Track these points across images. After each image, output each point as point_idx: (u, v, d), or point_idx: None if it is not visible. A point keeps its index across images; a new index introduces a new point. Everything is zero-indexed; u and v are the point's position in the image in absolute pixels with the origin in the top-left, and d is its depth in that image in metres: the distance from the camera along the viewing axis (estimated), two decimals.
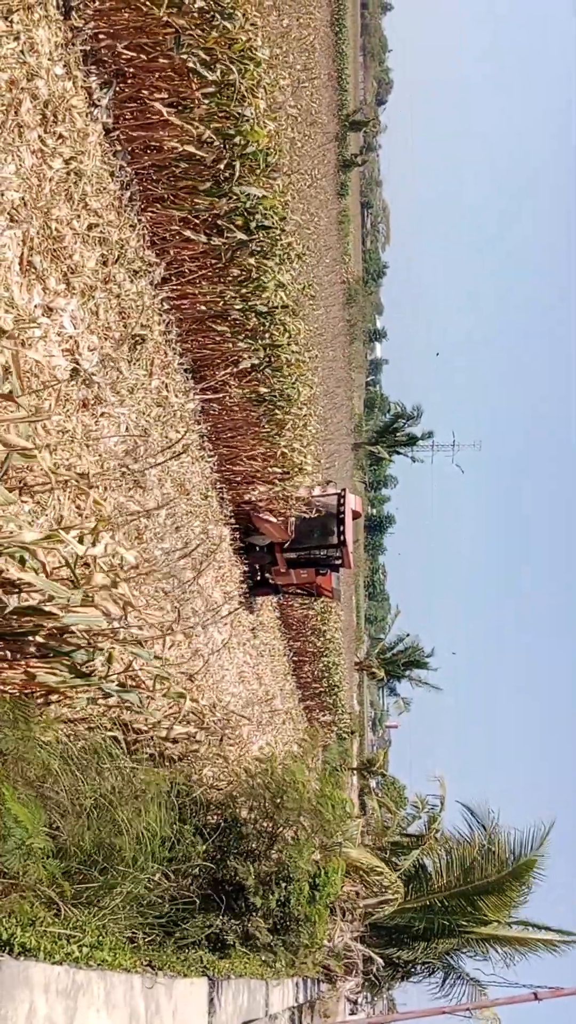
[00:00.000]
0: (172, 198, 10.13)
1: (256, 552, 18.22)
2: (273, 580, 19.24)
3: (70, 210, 7.83)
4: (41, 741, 5.38)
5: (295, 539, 18.29)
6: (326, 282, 43.32)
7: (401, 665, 58.75)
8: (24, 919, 4.72)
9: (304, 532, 18.53)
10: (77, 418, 7.84)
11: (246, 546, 17.60)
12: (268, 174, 10.84)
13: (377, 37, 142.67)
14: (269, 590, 19.71)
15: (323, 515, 18.79)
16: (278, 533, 17.67)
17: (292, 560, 18.88)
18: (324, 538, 18.92)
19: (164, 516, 10.90)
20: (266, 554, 18.44)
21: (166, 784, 7.11)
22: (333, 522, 18.84)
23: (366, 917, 17.97)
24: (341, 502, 18.94)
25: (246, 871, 8.17)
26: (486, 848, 17.96)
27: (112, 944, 5.50)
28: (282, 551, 18.40)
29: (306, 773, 9.35)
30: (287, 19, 25.19)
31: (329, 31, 52.78)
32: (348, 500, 19.12)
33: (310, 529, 18.64)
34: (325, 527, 18.86)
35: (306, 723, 29.47)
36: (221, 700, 13.24)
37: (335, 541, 18.86)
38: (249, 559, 17.98)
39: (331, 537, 18.87)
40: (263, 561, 18.65)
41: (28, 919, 4.76)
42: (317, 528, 18.78)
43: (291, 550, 18.57)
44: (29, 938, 4.57)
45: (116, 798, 5.56)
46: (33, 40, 7.09)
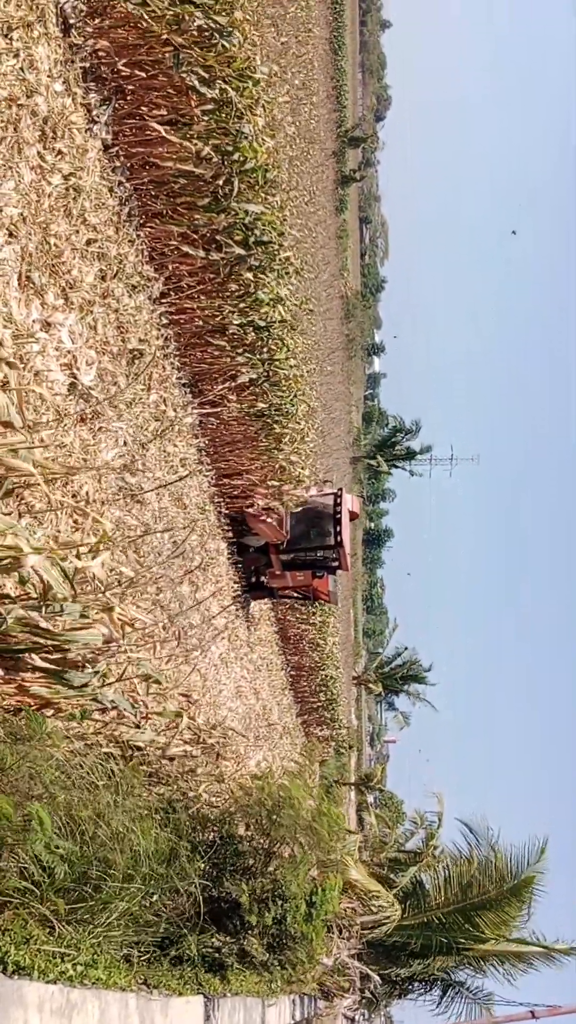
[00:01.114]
0: (171, 213, 10.17)
1: (250, 553, 17.66)
2: (268, 583, 18.68)
3: (69, 225, 7.86)
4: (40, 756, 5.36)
5: (290, 540, 17.77)
6: (324, 297, 43.49)
7: (399, 679, 58.58)
8: (18, 937, 4.68)
9: (300, 533, 18.01)
10: (75, 432, 7.85)
11: (239, 547, 17.06)
12: (267, 190, 10.88)
13: (376, 54, 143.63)
14: (264, 593, 19.16)
15: (319, 515, 18.27)
16: (273, 534, 17.13)
17: (287, 562, 18.29)
18: (320, 539, 18.32)
19: (161, 529, 10.89)
20: (261, 555, 17.88)
21: (162, 801, 7.08)
22: (329, 523, 18.26)
23: (363, 934, 17.85)
24: (338, 502, 18.35)
25: (241, 889, 8.13)
26: (484, 865, 17.86)
27: (107, 962, 5.46)
28: (277, 552, 17.85)
29: (302, 790, 9.31)
30: (286, 37, 25.36)
31: (328, 48, 53.16)
32: (345, 500, 18.50)
33: (306, 530, 18.13)
34: (321, 528, 18.31)
35: (303, 738, 29.39)
36: (218, 715, 13.21)
37: (331, 542, 18.26)
38: (243, 561, 17.45)
39: (327, 538, 18.27)
40: (258, 563, 18.09)
41: (22, 937, 4.72)
42: (313, 529, 18.25)
43: (286, 551, 18.00)
44: (23, 956, 4.53)
45: (112, 815, 5.53)
46: (33, 57, 7.13)
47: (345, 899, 16.33)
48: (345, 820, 13.18)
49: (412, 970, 18.45)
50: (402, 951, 18.49)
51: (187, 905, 7.16)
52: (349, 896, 16.93)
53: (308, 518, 17.93)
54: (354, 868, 16.38)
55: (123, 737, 6.57)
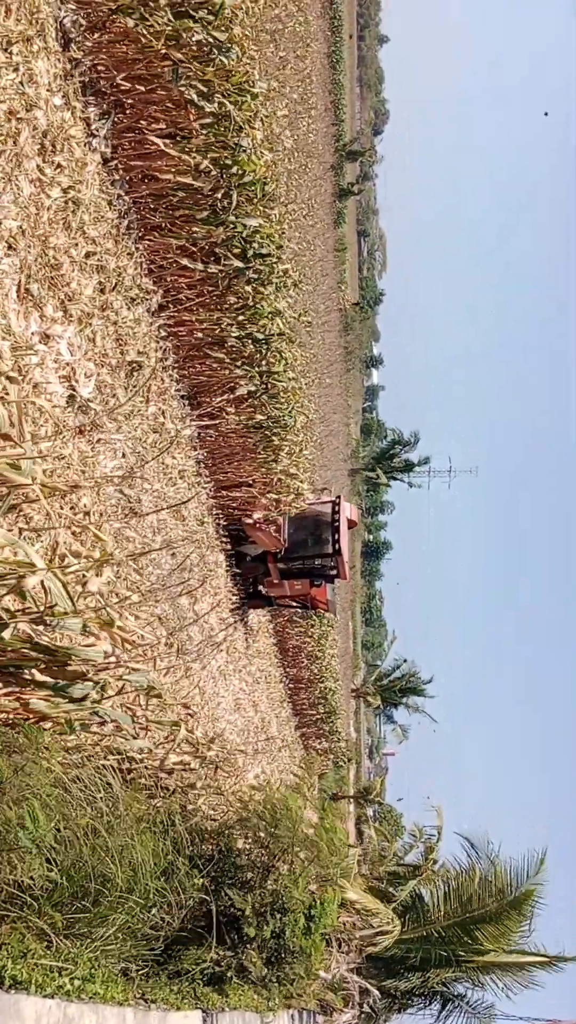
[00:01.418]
0: (170, 226, 10.21)
1: (248, 562, 17.47)
2: (266, 591, 18.46)
3: (68, 238, 7.89)
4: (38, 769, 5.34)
5: (288, 549, 17.53)
6: (323, 309, 43.61)
7: (398, 692, 58.40)
8: (15, 951, 4.66)
9: (298, 541, 17.78)
10: (73, 445, 7.85)
11: (237, 555, 16.91)
12: (265, 203, 10.93)
13: (373, 69, 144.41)
14: (262, 602, 18.95)
15: (317, 523, 18.06)
16: (270, 542, 16.93)
17: (285, 571, 18.03)
18: (318, 547, 18.12)
19: (160, 542, 10.89)
20: (258, 564, 17.67)
21: (161, 814, 7.06)
22: (327, 531, 18.04)
23: (363, 948, 17.76)
24: (336, 510, 18.16)
25: (241, 901, 8.09)
26: (484, 878, 17.77)
27: (104, 976, 5.43)
28: (275, 561, 17.63)
29: (301, 803, 9.28)
30: (284, 52, 25.51)
31: (326, 63, 53.48)
32: (343, 508, 18.32)
33: (304, 538, 17.91)
34: (319, 536, 18.11)
35: (302, 750, 29.31)
36: (217, 728, 13.18)
37: (329, 550, 18.04)
38: (241, 569, 17.26)
39: (325, 546, 18.06)
40: (255, 572, 17.87)
41: (19, 951, 4.70)
42: (311, 537, 18.05)
43: (284, 560, 17.76)
44: (20, 970, 4.51)
45: (110, 828, 5.51)
46: (32, 71, 7.17)
47: (344, 913, 16.25)
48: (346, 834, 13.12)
49: (411, 983, 18.34)
50: (401, 964, 18.38)
51: (185, 919, 7.13)
52: (348, 910, 16.85)
53: (306, 526, 17.76)
54: (351, 889, 16.26)
55: (121, 749, 6.55)
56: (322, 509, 18.27)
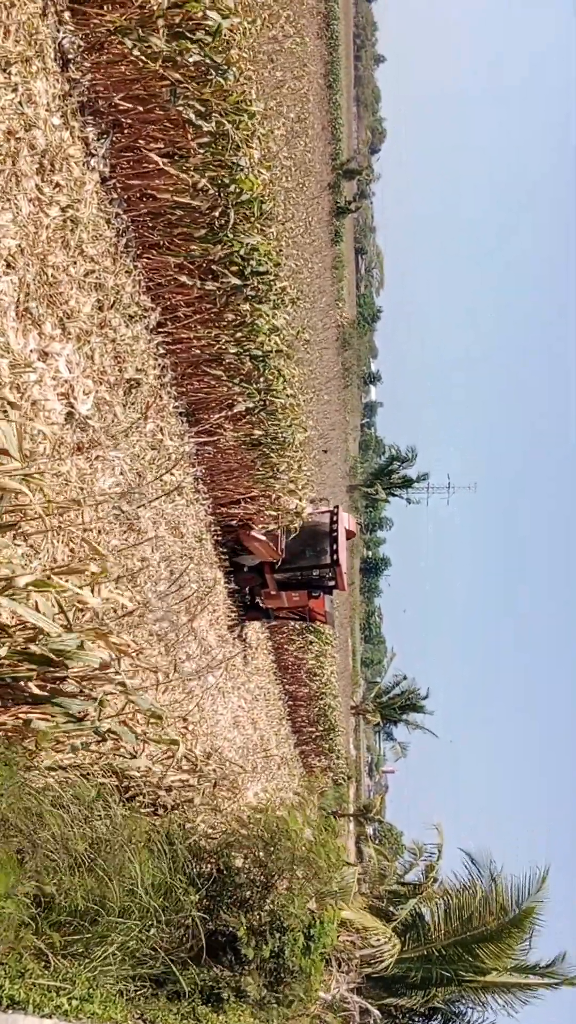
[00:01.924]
0: (168, 244, 10.26)
1: (245, 573, 17.25)
2: (263, 603, 18.21)
3: (66, 256, 7.92)
4: (33, 788, 5.32)
5: (285, 559, 17.26)
6: (321, 326, 43.73)
7: (397, 709, 58.18)
8: (13, 971, 4.63)
9: (295, 552, 17.48)
10: (72, 462, 7.86)
11: (234, 566, 16.68)
12: (262, 221, 10.98)
13: (370, 88, 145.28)
14: (259, 614, 18.65)
15: (315, 533, 17.74)
16: (267, 552, 16.70)
17: (283, 582, 17.77)
18: (316, 558, 17.81)
19: (158, 559, 10.88)
20: (255, 575, 17.40)
21: (159, 833, 7.02)
22: (325, 541, 17.75)
23: (362, 967, 17.61)
24: (334, 520, 17.91)
25: (238, 922, 8.03)
26: (485, 896, 17.63)
27: (103, 996, 5.39)
28: (272, 572, 17.38)
29: (300, 821, 9.23)
30: (281, 72, 25.70)
31: (323, 83, 53.81)
32: (341, 518, 18.06)
33: (301, 548, 17.59)
34: (317, 546, 17.81)
35: (302, 768, 29.18)
36: (215, 746, 13.12)
37: (327, 561, 17.78)
38: (237, 580, 16.98)
39: (323, 557, 17.78)
40: (253, 583, 17.59)
41: (17, 971, 4.66)
42: (308, 548, 17.73)
43: (281, 571, 17.51)
44: (18, 990, 4.48)
45: (108, 847, 5.49)
46: (31, 91, 7.22)
47: (344, 932, 16.13)
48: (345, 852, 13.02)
49: (412, 1002, 18.17)
50: (402, 983, 18.21)
51: (184, 938, 7.08)
52: (348, 929, 16.72)
53: (303, 537, 17.40)
54: (349, 908, 16.14)
55: (120, 767, 6.52)
56: (320, 519, 18.01)
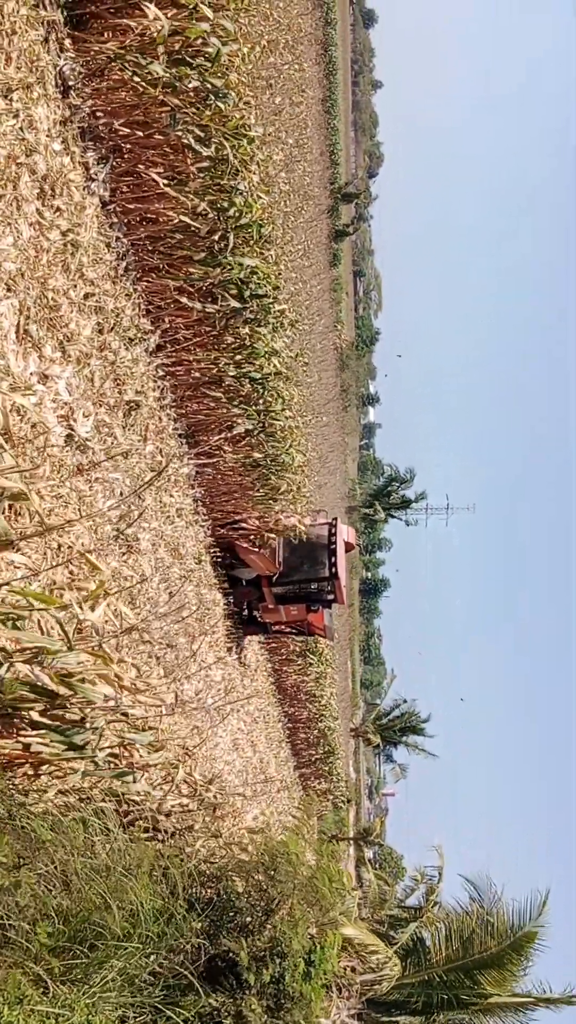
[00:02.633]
0: (167, 268, 10.31)
1: (242, 587, 16.90)
2: (261, 617, 17.81)
3: (66, 280, 7.96)
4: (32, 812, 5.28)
5: (283, 572, 16.94)
6: (319, 348, 43.91)
7: (397, 731, 57.90)
8: (11, 996, 4.58)
9: (293, 564, 17.16)
10: (71, 483, 7.87)
11: (230, 580, 16.36)
12: (261, 245, 11.05)
13: (368, 113, 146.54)
14: (257, 629, 18.30)
15: (313, 546, 17.37)
16: (265, 565, 16.38)
17: (281, 595, 17.42)
18: (314, 571, 17.39)
19: (157, 581, 10.87)
20: (253, 589, 17.04)
21: (159, 857, 6.96)
22: (324, 554, 17.37)
23: (363, 993, 17.43)
24: (332, 532, 17.57)
25: (239, 946, 7.95)
26: (486, 920, 17.49)
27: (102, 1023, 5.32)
28: (270, 585, 17.01)
29: (300, 845, 9.16)
30: (280, 97, 25.94)
31: (321, 108, 54.28)
32: (340, 530, 17.77)
33: (299, 561, 17.27)
34: (315, 559, 17.41)
35: (301, 791, 29.01)
36: (215, 769, 13.05)
37: (326, 574, 17.35)
38: (234, 594, 16.64)
39: (322, 570, 17.36)
40: (250, 597, 17.22)
41: (16, 997, 4.61)
42: (307, 561, 17.37)
43: (279, 584, 17.14)
44: (16, 1016, 4.43)
45: (107, 872, 5.44)
46: (32, 117, 7.29)
47: (344, 957, 15.98)
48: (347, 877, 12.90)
49: None
50: (403, 1009, 18.02)
51: (184, 964, 7.01)
52: (348, 954, 16.57)
53: (302, 549, 17.19)
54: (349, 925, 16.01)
55: (120, 792, 6.49)
56: (318, 531, 17.66)
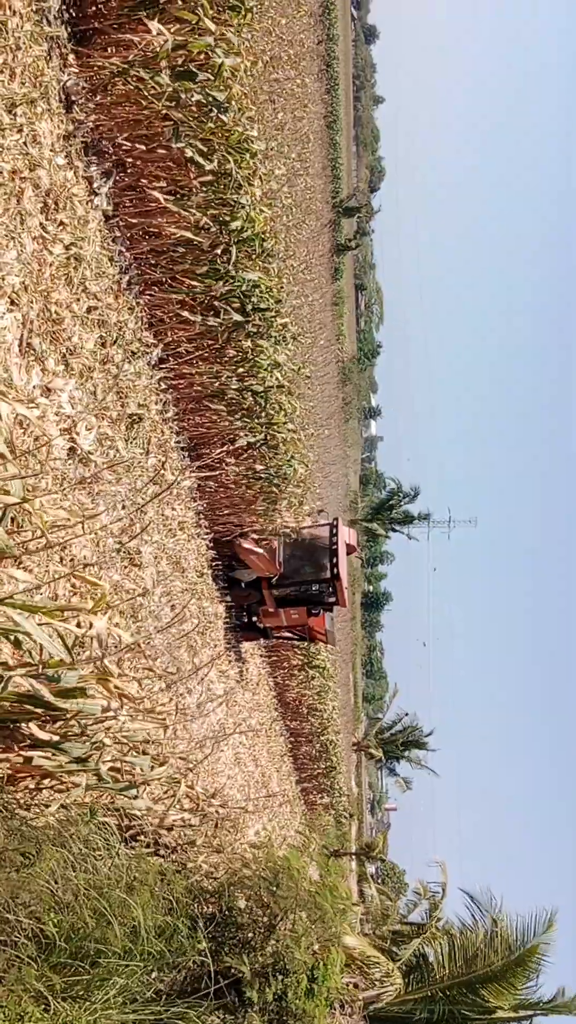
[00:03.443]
0: (170, 281, 10.34)
1: (241, 589, 16.52)
2: (261, 622, 17.44)
3: (70, 293, 7.98)
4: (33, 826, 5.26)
5: (283, 575, 16.59)
6: (321, 362, 43.98)
7: (400, 745, 57.80)
8: (12, 1013, 4.54)
9: (293, 566, 16.83)
10: (74, 496, 7.86)
11: (229, 582, 15.93)
12: (264, 259, 11.08)
13: (369, 128, 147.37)
14: (257, 634, 17.88)
15: (314, 547, 17.09)
16: (265, 567, 16.09)
17: (281, 598, 17.09)
18: (315, 572, 17.05)
19: (159, 594, 10.85)
20: (252, 591, 16.71)
21: (160, 873, 6.93)
22: (325, 555, 17.08)
23: (366, 1009, 17.31)
24: (333, 533, 17.26)
25: (241, 962, 7.90)
26: (489, 936, 17.39)
27: None
28: (270, 587, 16.72)
29: (302, 860, 9.11)
30: (282, 112, 26.07)
31: (323, 123, 54.60)
32: (341, 532, 17.41)
33: (300, 563, 16.96)
34: (316, 561, 17.09)
35: (304, 806, 28.90)
36: (217, 783, 12.99)
37: (327, 575, 17.02)
38: (233, 597, 16.29)
39: (323, 571, 17.03)
40: (249, 600, 16.86)
41: (16, 1014, 4.58)
42: (307, 563, 17.07)
43: (279, 586, 16.84)
44: None
45: (108, 887, 5.41)
46: (36, 132, 7.32)
47: (347, 973, 15.88)
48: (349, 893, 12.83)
49: None
50: None
51: (186, 981, 6.96)
52: (351, 970, 16.47)
53: (302, 551, 16.93)
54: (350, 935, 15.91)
55: (121, 806, 6.45)
56: (319, 532, 17.36)
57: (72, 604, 6.66)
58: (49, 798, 5.71)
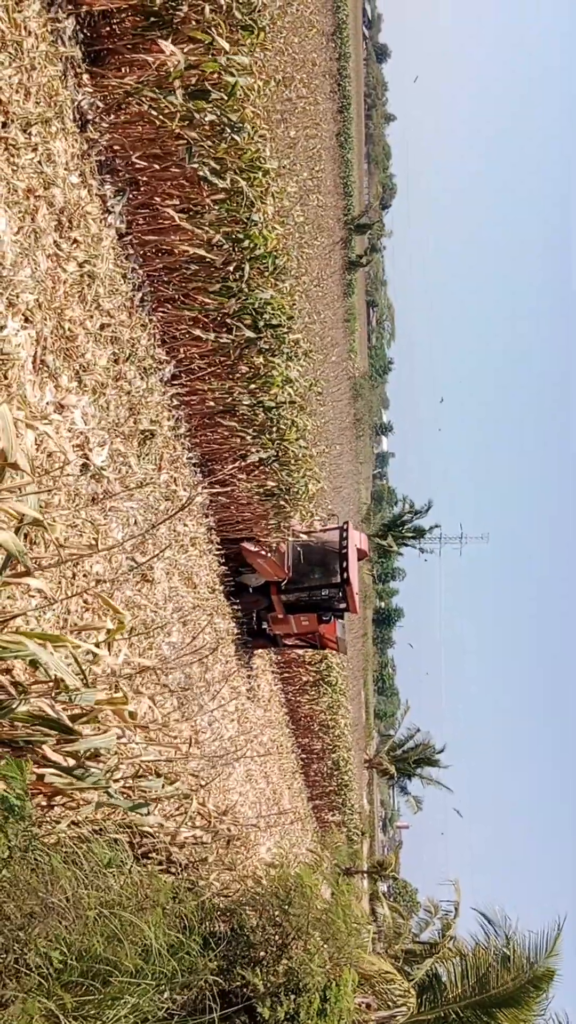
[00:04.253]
0: (182, 298, 10.39)
1: (249, 594, 15.99)
2: (271, 630, 17.02)
3: (83, 311, 8.03)
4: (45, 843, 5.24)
5: (292, 579, 16.11)
6: (333, 378, 44.07)
7: (412, 763, 57.41)
8: None
9: (303, 571, 16.28)
10: (86, 512, 7.88)
11: (237, 587, 15.50)
12: (276, 276, 11.12)
13: (381, 146, 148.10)
14: (266, 642, 17.36)
15: (324, 552, 16.57)
16: (273, 570, 15.61)
17: (290, 603, 16.62)
18: (325, 577, 16.57)
19: (171, 610, 10.84)
20: (261, 597, 16.21)
21: (172, 890, 6.89)
22: (335, 560, 16.54)
23: None
24: (344, 537, 16.77)
25: (254, 975, 7.85)
26: (502, 955, 17.21)
27: None
28: (278, 593, 16.22)
29: (315, 878, 9.05)
30: (294, 131, 26.23)
31: (334, 142, 54.88)
32: (352, 536, 16.93)
33: (309, 568, 16.41)
34: (326, 566, 16.59)
35: (315, 823, 28.74)
36: (228, 800, 12.94)
37: (337, 580, 16.49)
38: (242, 603, 15.77)
39: (333, 576, 16.49)
40: (258, 605, 16.38)
41: None
42: (317, 567, 16.54)
43: (288, 591, 16.34)
44: None
45: (121, 905, 5.38)
46: (50, 151, 7.38)
47: (359, 992, 15.74)
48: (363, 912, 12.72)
49: None
50: None
51: (198, 1000, 6.91)
52: (364, 990, 16.32)
53: (312, 555, 16.44)
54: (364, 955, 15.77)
55: (133, 823, 6.43)
56: (329, 537, 16.89)
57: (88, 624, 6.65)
58: (60, 815, 5.70)
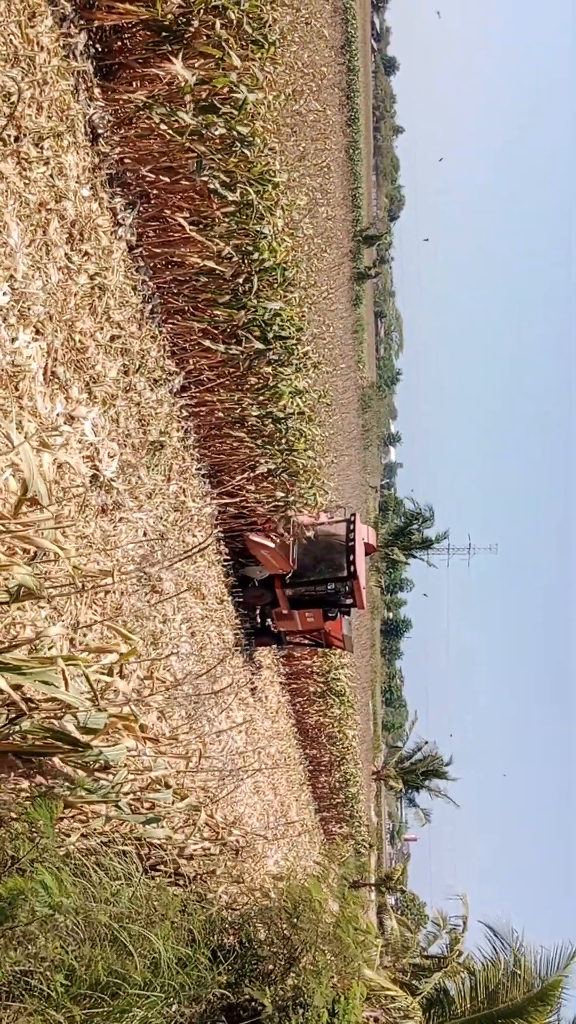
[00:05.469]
0: (192, 310, 10.43)
1: (253, 588, 15.55)
2: (275, 627, 16.63)
3: (93, 323, 8.06)
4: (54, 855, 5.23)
5: (296, 572, 15.64)
6: (341, 389, 44.12)
7: (420, 775, 57.20)
8: None
9: (308, 565, 15.85)
10: (96, 523, 7.90)
11: (241, 580, 15.15)
12: (285, 287, 11.16)
13: (389, 158, 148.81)
14: (271, 639, 16.93)
15: (330, 545, 16.07)
16: (277, 563, 15.13)
17: (295, 598, 16.17)
18: (331, 571, 16.01)
19: (180, 621, 10.85)
20: (265, 591, 15.75)
21: (180, 903, 6.87)
22: (341, 554, 16.00)
23: None
24: (351, 529, 16.15)
25: (263, 994, 7.81)
26: (511, 970, 17.10)
27: None
28: (283, 586, 15.76)
29: (323, 891, 9.02)
30: (304, 143, 26.33)
31: (344, 154, 55.09)
32: (359, 529, 16.32)
33: (314, 561, 15.89)
34: (332, 560, 16.04)
35: (322, 835, 28.65)
36: (236, 812, 12.91)
37: (344, 574, 15.92)
38: (245, 597, 15.41)
39: (339, 570, 15.93)
40: (262, 600, 15.91)
41: None
42: (323, 560, 15.99)
43: (293, 584, 15.88)
44: None
45: (129, 918, 5.37)
46: (62, 165, 7.43)
47: (367, 1007, 15.66)
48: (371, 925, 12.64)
49: None
50: None
51: (206, 1013, 6.89)
52: (371, 1004, 16.24)
53: (317, 548, 15.91)
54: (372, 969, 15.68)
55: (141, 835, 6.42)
56: (335, 530, 16.30)
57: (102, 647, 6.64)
58: (69, 827, 5.69)
